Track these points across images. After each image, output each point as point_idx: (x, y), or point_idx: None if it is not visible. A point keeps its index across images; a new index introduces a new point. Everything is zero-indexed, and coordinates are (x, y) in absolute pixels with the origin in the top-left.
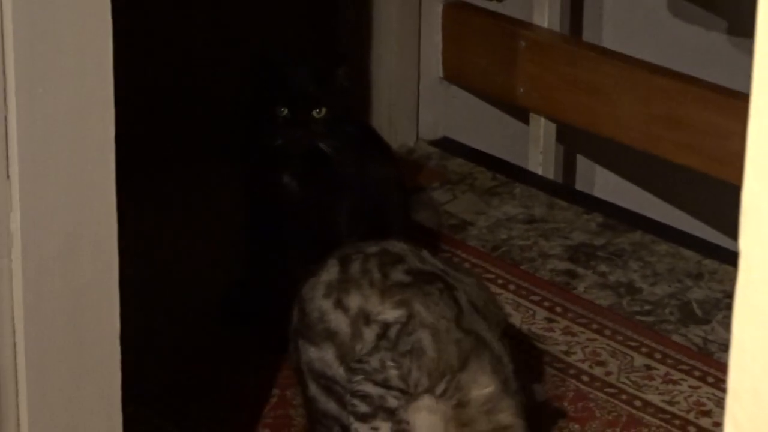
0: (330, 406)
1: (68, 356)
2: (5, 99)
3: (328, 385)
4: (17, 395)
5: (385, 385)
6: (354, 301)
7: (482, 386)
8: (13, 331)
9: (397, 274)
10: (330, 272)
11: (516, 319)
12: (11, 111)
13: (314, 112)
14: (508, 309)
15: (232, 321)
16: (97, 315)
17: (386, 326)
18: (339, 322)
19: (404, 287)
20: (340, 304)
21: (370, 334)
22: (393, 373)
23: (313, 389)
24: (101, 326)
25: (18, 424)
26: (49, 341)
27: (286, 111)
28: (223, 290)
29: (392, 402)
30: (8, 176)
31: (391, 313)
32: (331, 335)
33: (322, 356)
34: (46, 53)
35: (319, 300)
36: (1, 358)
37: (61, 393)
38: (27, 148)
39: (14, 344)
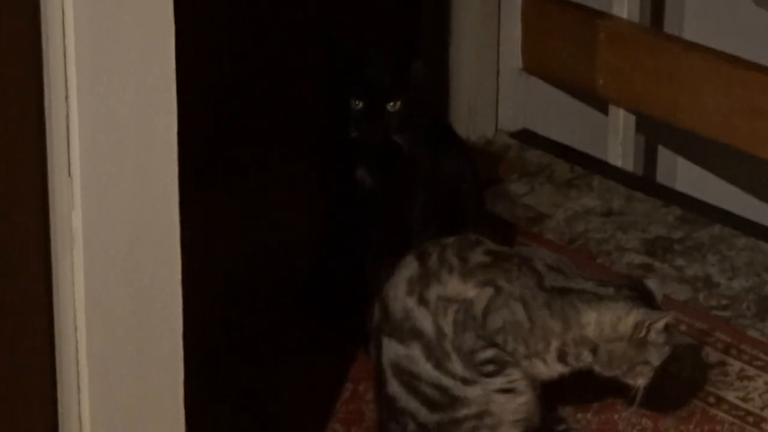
0: (410, 403)
1: (130, 356)
2: (67, 97)
3: (412, 382)
4: (79, 394)
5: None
6: (433, 292)
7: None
8: (75, 330)
9: (477, 256)
10: (409, 268)
11: None
12: (73, 108)
13: (389, 106)
14: None
15: (309, 313)
16: (159, 314)
17: (467, 303)
18: (423, 319)
19: (486, 267)
20: (422, 300)
21: (450, 315)
22: (489, 353)
23: (394, 386)
24: (164, 325)
25: (80, 422)
26: (111, 340)
27: (361, 104)
28: (302, 282)
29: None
30: (70, 174)
31: (473, 292)
32: (417, 334)
33: (409, 353)
34: (108, 50)
35: (402, 298)
36: (63, 356)
37: (123, 392)
38: (89, 146)
39: (76, 342)
